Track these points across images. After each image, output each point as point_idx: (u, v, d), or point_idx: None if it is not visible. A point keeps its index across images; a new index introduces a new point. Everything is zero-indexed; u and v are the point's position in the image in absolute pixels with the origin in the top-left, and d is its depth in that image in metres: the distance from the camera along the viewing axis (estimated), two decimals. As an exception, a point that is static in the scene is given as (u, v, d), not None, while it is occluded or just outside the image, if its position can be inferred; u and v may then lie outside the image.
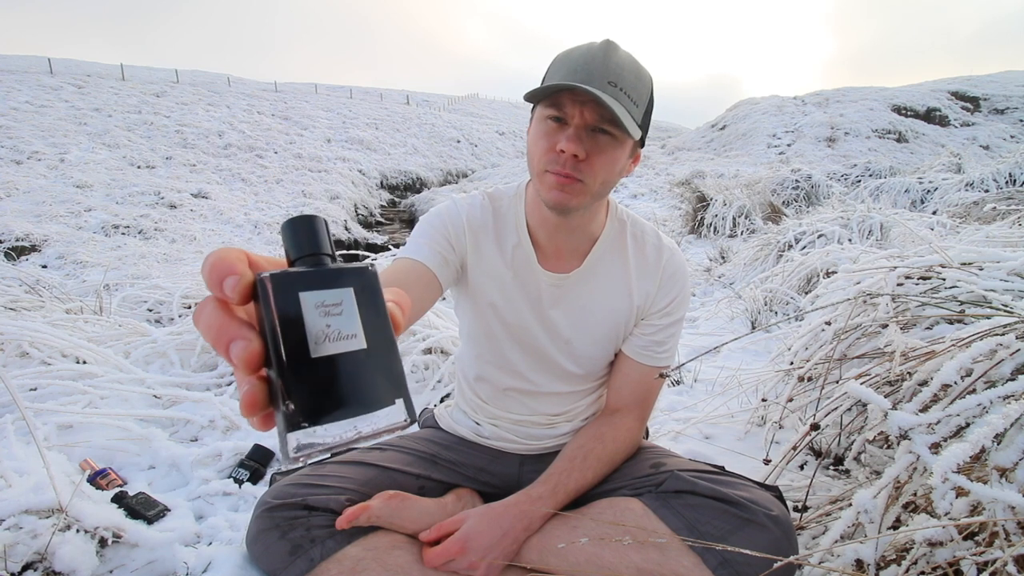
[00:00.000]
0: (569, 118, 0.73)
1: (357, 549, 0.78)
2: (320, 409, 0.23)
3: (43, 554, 0.81)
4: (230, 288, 0.24)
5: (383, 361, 0.25)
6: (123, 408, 1.47)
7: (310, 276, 0.24)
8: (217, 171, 15.18)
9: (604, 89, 0.70)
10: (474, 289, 0.91)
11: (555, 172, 0.75)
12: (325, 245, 0.26)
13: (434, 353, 1.86)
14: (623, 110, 0.71)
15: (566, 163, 0.73)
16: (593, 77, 0.71)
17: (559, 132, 0.74)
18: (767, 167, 11.36)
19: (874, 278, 1.32)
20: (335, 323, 0.23)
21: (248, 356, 0.24)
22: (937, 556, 0.68)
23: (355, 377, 0.24)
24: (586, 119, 0.73)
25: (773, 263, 3.44)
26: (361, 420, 0.24)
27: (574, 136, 0.72)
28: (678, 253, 0.94)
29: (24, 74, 20.60)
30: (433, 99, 42.91)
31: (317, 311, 0.23)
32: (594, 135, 0.74)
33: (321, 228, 0.26)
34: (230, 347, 0.24)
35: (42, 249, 7.28)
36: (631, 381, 0.95)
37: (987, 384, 0.78)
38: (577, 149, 0.72)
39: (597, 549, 0.78)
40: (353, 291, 0.24)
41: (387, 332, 0.25)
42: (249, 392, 0.24)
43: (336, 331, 0.23)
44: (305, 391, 0.23)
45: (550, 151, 0.75)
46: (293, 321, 0.23)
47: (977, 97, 19.31)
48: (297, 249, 0.25)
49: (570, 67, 0.73)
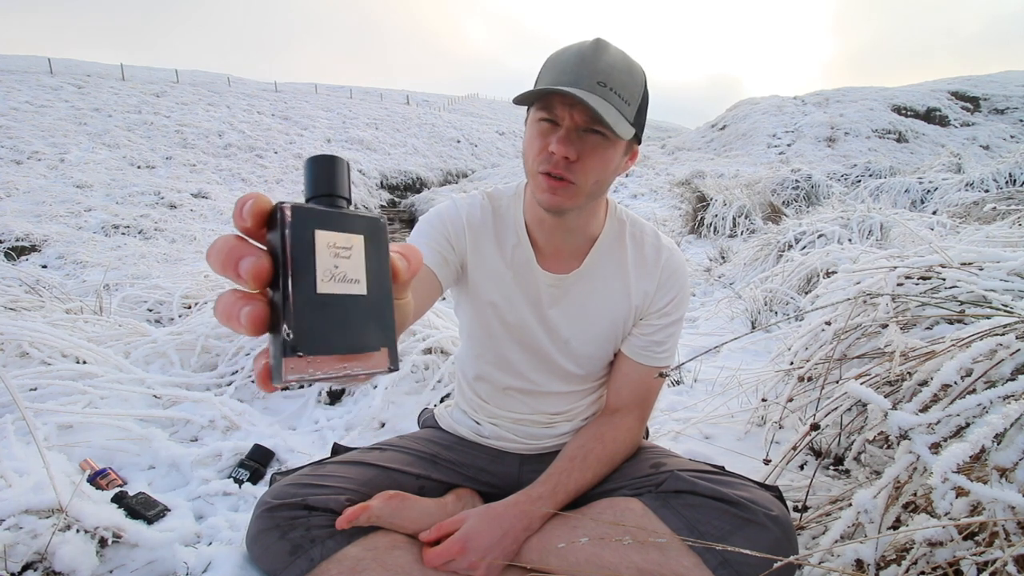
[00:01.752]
0: (560, 120, 0.73)
1: (357, 549, 0.78)
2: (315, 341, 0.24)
3: (43, 554, 0.81)
4: (247, 210, 0.25)
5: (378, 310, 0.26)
6: (123, 408, 1.47)
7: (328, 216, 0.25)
8: (217, 171, 15.18)
9: (593, 89, 0.70)
10: (474, 289, 0.91)
11: (547, 174, 0.75)
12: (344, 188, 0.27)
13: (434, 353, 1.86)
14: (613, 110, 0.71)
15: (558, 164, 0.74)
16: (581, 78, 0.70)
17: (551, 133, 0.74)
18: (767, 167, 11.36)
19: (874, 278, 1.32)
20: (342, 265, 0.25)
21: (256, 270, 0.24)
22: (937, 556, 0.68)
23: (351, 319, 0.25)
24: (576, 120, 0.72)
25: (773, 263, 3.44)
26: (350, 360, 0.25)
27: (564, 138, 0.72)
28: (677, 253, 0.94)
29: (24, 74, 20.60)
30: (433, 99, 42.91)
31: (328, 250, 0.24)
32: (585, 136, 0.74)
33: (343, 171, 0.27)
34: (239, 263, 0.25)
35: (42, 249, 7.27)
36: (631, 381, 0.95)
37: (987, 384, 0.78)
38: (568, 151, 0.72)
39: (597, 549, 0.78)
40: (363, 239, 0.26)
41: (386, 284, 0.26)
42: (253, 310, 0.25)
43: (342, 273, 0.25)
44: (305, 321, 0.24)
45: (542, 152, 0.75)
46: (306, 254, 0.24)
47: (977, 97, 19.32)
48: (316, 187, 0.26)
49: (560, 68, 0.73)
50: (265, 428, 1.51)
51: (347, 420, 1.62)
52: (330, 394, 1.77)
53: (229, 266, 0.25)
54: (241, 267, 0.25)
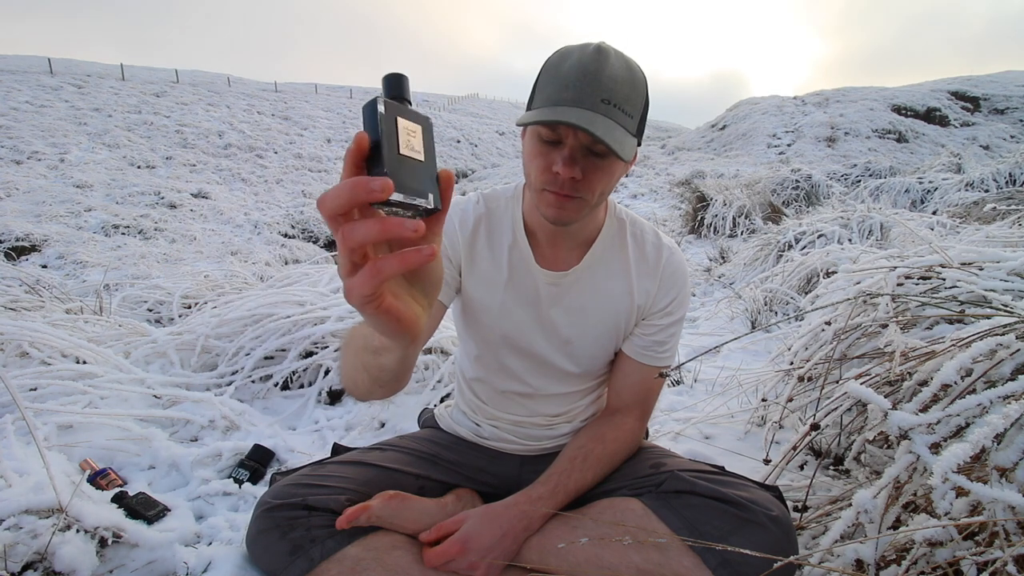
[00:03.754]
0: (563, 138, 0.72)
1: (357, 549, 0.78)
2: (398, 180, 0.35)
3: (43, 554, 0.81)
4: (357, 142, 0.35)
5: (429, 172, 0.39)
6: (123, 408, 1.47)
7: (405, 110, 0.38)
8: (217, 171, 15.19)
9: (596, 108, 0.68)
10: (468, 295, 0.92)
11: (553, 192, 0.74)
12: (408, 95, 0.40)
13: (434, 353, 1.86)
14: (618, 130, 0.70)
15: (564, 185, 0.73)
16: (584, 96, 0.69)
17: (554, 152, 0.73)
18: (767, 167, 11.35)
19: (874, 278, 1.32)
20: (411, 140, 0.37)
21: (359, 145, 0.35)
22: (937, 556, 0.68)
23: (415, 173, 0.37)
24: (580, 140, 0.71)
25: (773, 263, 3.44)
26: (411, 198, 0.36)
27: (569, 159, 0.71)
28: (678, 252, 0.94)
29: (24, 74, 20.61)
30: (433, 99, 42.91)
31: (404, 130, 0.37)
32: (589, 155, 0.73)
33: (407, 82, 0.40)
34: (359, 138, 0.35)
35: (42, 249, 7.28)
36: (632, 381, 0.95)
37: (987, 384, 0.78)
38: (573, 171, 0.71)
39: (597, 549, 0.78)
40: (421, 128, 0.39)
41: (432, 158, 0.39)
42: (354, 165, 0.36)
43: (411, 146, 0.37)
44: (394, 165, 0.35)
45: (546, 171, 0.74)
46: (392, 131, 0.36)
47: (977, 97, 19.31)
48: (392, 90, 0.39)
49: (561, 83, 0.71)
50: (265, 428, 1.51)
51: (347, 420, 1.62)
52: (330, 394, 1.77)
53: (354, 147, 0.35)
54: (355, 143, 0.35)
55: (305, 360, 1.79)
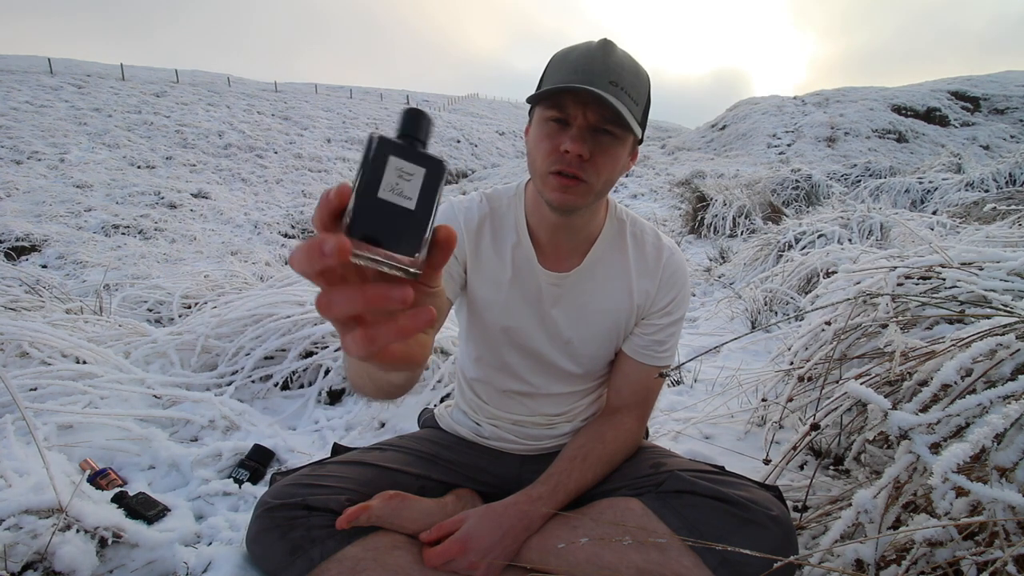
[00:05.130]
0: (572, 119, 0.73)
1: (357, 549, 0.78)
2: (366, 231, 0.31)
3: (43, 554, 0.81)
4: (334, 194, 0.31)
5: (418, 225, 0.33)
6: (123, 408, 1.47)
7: (402, 148, 0.33)
8: (217, 171, 15.19)
9: (606, 89, 0.70)
10: (472, 293, 0.92)
11: (559, 173, 0.75)
12: (422, 134, 0.35)
13: (434, 353, 1.86)
14: (626, 109, 0.71)
15: (571, 163, 0.73)
16: (594, 77, 0.71)
17: (562, 133, 0.74)
18: (767, 167, 11.35)
19: (874, 278, 1.32)
20: (402, 184, 0.32)
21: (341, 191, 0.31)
22: (937, 556, 0.68)
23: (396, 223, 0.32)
24: (589, 119, 0.73)
25: (773, 263, 3.44)
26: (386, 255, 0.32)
27: (578, 136, 0.72)
28: (678, 252, 0.94)
29: (24, 74, 20.62)
30: (433, 99, 42.93)
31: (395, 171, 0.32)
32: (597, 135, 0.74)
33: (425, 122, 0.35)
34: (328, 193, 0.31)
35: (42, 249, 7.28)
36: (631, 381, 0.95)
37: (987, 384, 0.78)
38: (582, 149, 0.72)
39: (597, 549, 0.78)
40: (424, 172, 0.33)
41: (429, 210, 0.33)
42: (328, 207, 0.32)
43: (400, 189, 0.32)
44: (362, 213, 0.31)
45: (553, 152, 0.75)
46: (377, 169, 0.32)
47: (977, 97, 19.31)
48: (402, 129, 0.34)
49: (570, 67, 0.73)
50: (265, 428, 1.51)
51: (347, 420, 1.62)
52: (330, 394, 1.77)
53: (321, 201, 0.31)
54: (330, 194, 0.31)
55: (305, 360, 1.79)
